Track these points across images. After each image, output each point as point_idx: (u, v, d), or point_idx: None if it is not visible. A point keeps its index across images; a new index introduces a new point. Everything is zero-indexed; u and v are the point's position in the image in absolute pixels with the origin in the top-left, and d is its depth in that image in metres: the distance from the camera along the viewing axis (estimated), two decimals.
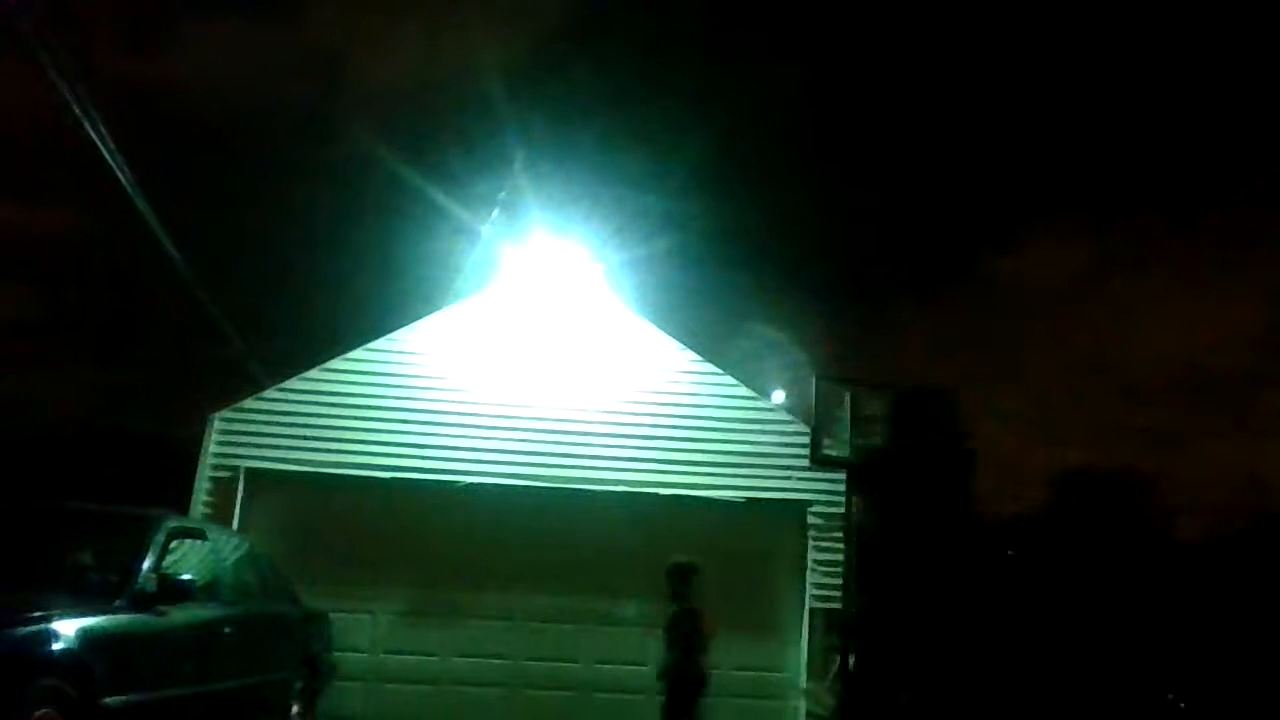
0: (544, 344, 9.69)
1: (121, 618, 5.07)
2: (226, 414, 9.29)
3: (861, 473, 2.54)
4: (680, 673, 6.76)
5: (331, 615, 8.25)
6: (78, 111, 8.43)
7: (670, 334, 9.95)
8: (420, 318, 9.86)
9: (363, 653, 8.93)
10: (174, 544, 5.84)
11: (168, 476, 9.69)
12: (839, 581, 8.93)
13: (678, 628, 6.83)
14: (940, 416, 2.70)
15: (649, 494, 9.27)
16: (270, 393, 9.48)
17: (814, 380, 8.57)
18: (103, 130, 8.77)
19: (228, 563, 6.72)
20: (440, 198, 12.53)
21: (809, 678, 8.97)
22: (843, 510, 8.96)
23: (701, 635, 6.82)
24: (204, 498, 8.97)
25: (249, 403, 9.39)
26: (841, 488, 8.91)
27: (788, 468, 9.32)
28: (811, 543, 9.26)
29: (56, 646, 4.47)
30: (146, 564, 5.44)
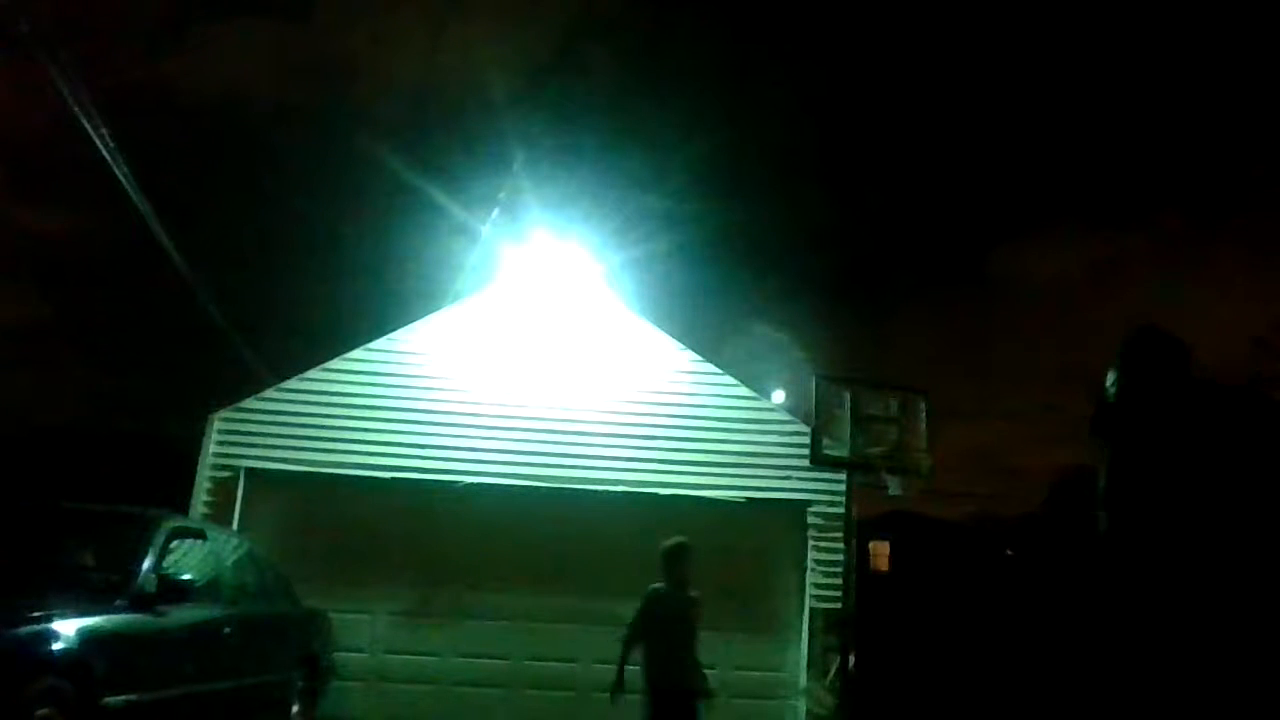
0: (544, 344, 9.68)
1: (121, 618, 5.07)
2: (226, 414, 9.29)
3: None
4: (664, 685, 5.78)
5: (331, 615, 8.26)
6: (78, 112, 8.45)
7: (670, 334, 9.95)
8: (420, 318, 9.85)
9: (363, 653, 8.92)
10: (174, 544, 5.85)
11: (168, 476, 9.68)
12: (839, 581, 8.92)
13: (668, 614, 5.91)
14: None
15: (649, 494, 9.26)
16: (270, 393, 9.47)
17: (814, 380, 8.54)
18: (103, 130, 8.79)
19: (228, 563, 6.73)
20: (440, 198, 12.56)
21: (809, 678, 8.97)
22: (843, 510, 8.95)
23: (689, 625, 5.93)
24: (204, 498, 8.96)
25: (249, 403, 9.38)
26: (841, 488, 8.90)
27: (788, 468, 9.31)
28: (811, 543, 9.26)
29: (56, 646, 4.47)
30: (146, 564, 5.45)
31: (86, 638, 4.65)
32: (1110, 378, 3.05)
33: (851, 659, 8.39)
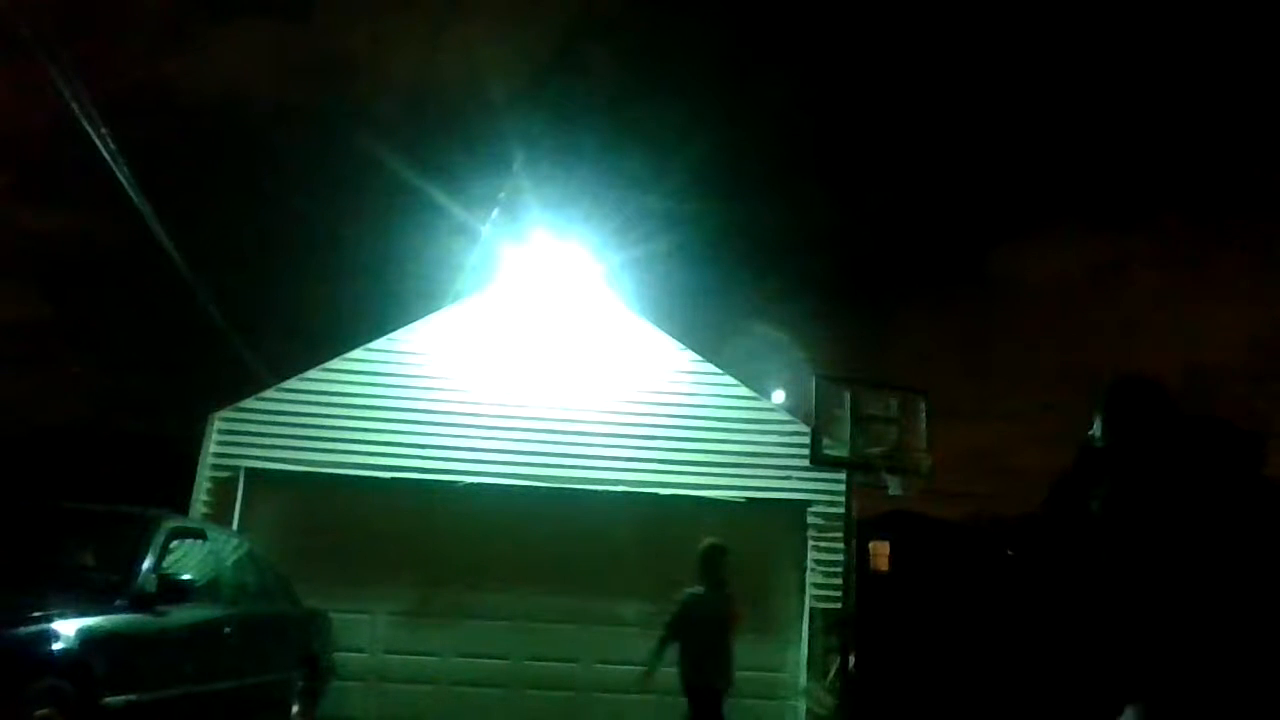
0: (544, 344, 9.68)
1: (121, 618, 5.07)
2: (226, 414, 9.29)
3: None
4: (698, 683, 5.98)
5: (331, 615, 8.26)
6: (78, 112, 8.45)
7: (670, 334, 9.94)
8: (420, 318, 9.86)
9: (363, 653, 8.93)
10: (174, 544, 5.85)
11: (168, 476, 9.68)
12: (839, 581, 8.92)
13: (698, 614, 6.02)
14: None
15: (649, 494, 9.26)
16: (270, 393, 9.47)
17: (814, 380, 8.55)
18: (103, 130, 8.79)
19: (228, 563, 6.73)
20: (440, 198, 12.55)
21: (809, 678, 8.96)
22: (843, 510, 8.95)
23: (724, 626, 6.08)
24: (204, 498, 8.96)
25: (249, 403, 9.38)
26: (841, 487, 8.90)
27: (788, 468, 9.31)
28: (811, 543, 9.26)
29: (56, 646, 4.47)
30: (146, 564, 5.45)
31: (86, 638, 4.65)
32: (1096, 426, 3.12)
33: (851, 659, 8.40)
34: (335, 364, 9.52)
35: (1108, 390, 3.12)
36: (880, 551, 22.65)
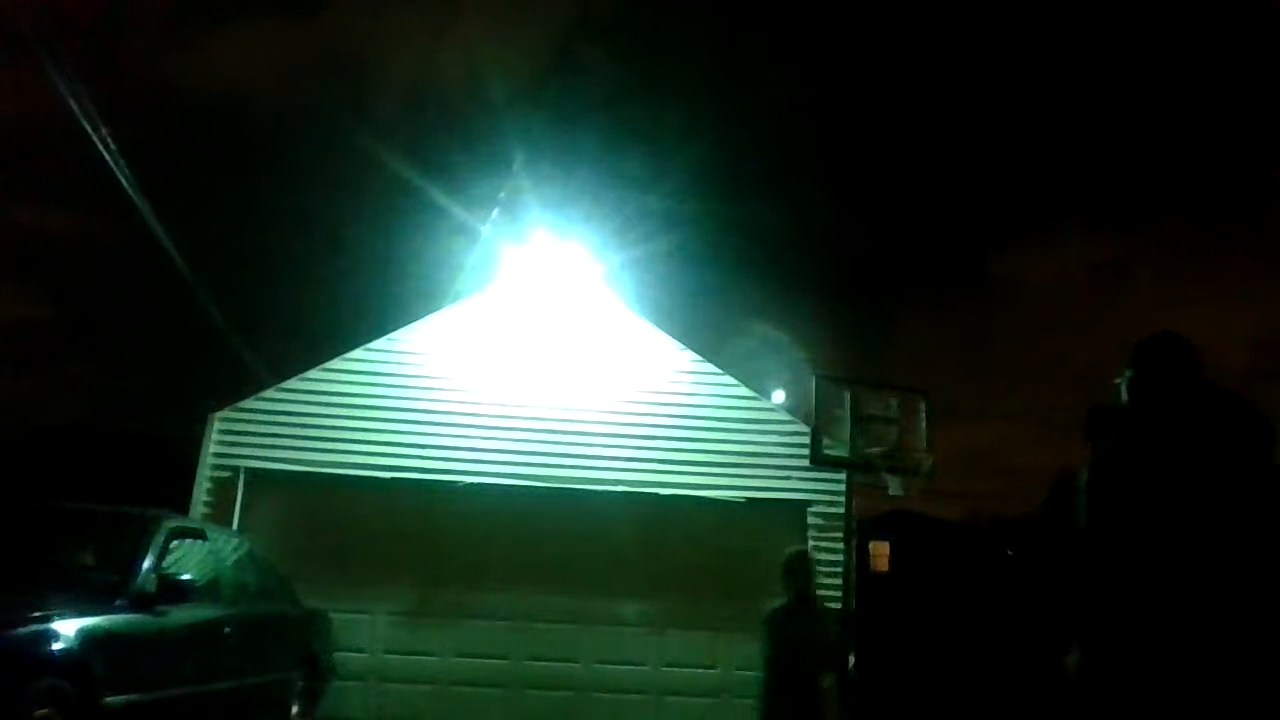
0: (544, 344, 9.68)
1: (121, 618, 5.07)
2: (226, 414, 9.29)
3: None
4: (783, 688, 5.48)
5: (331, 615, 8.26)
6: (77, 111, 8.46)
7: (670, 334, 9.94)
8: (420, 318, 9.86)
9: (363, 653, 8.93)
10: (174, 544, 5.86)
11: (168, 476, 9.68)
12: (839, 581, 8.91)
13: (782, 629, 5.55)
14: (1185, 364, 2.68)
15: (649, 494, 9.26)
16: (270, 393, 9.47)
17: (814, 380, 8.54)
18: (103, 130, 8.79)
19: (228, 563, 6.73)
20: (440, 198, 12.56)
21: None
22: (843, 510, 8.94)
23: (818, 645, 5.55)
24: (204, 498, 8.96)
25: (249, 403, 9.38)
26: (841, 488, 8.89)
27: (788, 468, 9.31)
28: (811, 543, 9.25)
29: (56, 646, 4.47)
30: (146, 564, 5.45)
31: (86, 638, 4.65)
32: (1124, 377, 3.10)
33: (851, 659, 8.39)
34: (335, 364, 9.52)
35: (1140, 346, 3.11)
36: (880, 551, 22.65)
